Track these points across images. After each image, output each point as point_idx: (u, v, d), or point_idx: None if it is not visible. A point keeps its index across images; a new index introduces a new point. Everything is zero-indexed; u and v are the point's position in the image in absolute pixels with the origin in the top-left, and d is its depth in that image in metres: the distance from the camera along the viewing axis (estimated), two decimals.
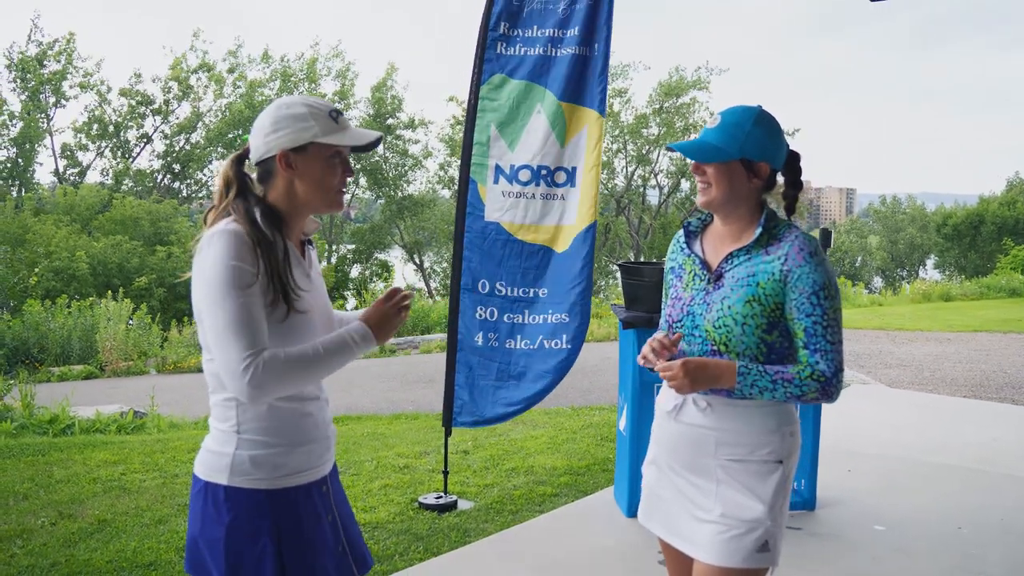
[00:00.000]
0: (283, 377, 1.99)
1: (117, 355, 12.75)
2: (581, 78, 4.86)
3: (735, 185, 2.27)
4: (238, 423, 2.08)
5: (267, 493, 2.08)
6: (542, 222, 4.90)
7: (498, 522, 4.78)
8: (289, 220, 2.14)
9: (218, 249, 1.98)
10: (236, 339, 1.95)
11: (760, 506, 2.24)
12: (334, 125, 2.10)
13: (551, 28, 4.87)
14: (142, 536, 4.54)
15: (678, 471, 2.37)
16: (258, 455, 2.07)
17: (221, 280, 1.96)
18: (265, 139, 2.09)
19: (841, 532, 4.65)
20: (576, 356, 4.86)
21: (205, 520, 2.09)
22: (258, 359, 1.95)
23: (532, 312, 4.90)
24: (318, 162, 2.10)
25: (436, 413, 8.08)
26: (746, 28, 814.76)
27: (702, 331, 2.29)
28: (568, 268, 4.88)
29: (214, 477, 2.08)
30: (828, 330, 2.20)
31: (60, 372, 12.23)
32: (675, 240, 2.52)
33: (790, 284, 2.21)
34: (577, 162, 4.88)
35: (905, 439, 6.63)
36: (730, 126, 2.27)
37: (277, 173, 2.10)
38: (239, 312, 1.96)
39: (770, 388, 2.20)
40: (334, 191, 2.13)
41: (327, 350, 2.07)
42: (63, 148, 34.88)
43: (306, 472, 2.15)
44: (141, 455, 6.33)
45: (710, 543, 2.25)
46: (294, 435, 2.12)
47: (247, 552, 2.06)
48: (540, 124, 4.87)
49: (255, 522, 2.06)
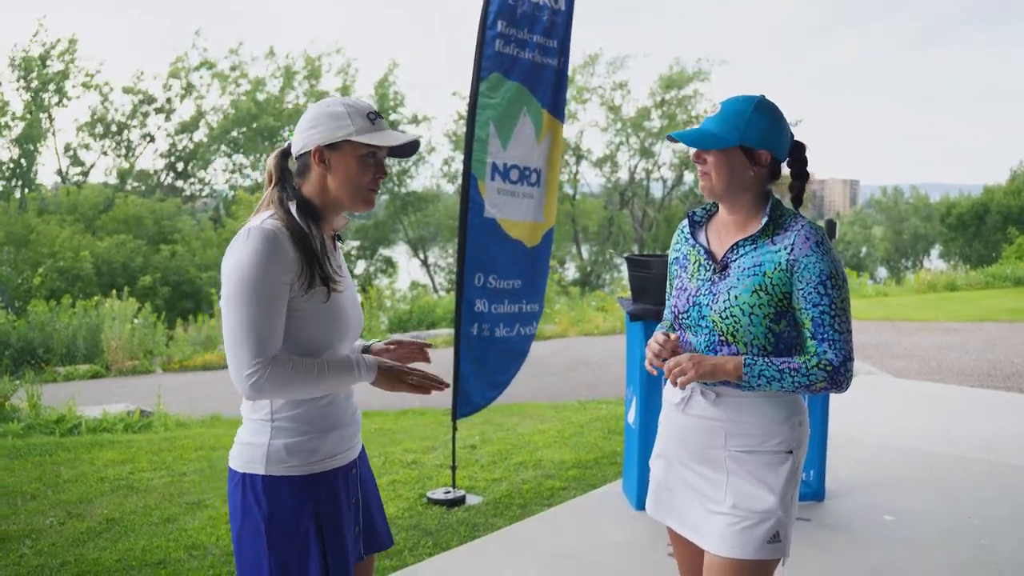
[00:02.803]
0: (283, 389, 2.07)
1: (123, 354, 12.74)
2: (556, 88, 5.26)
3: (735, 173, 2.26)
4: (271, 412, 2.15)
5: (303, 479, 2.15)
6: (523, 219, 5.22)
7: (507, 516, 4.78)
8: (322, 215, 2.19)
9: (248, 250, 2.03)
10: (247, 345, 2.02)
11: (771, 496, 2.23)
12: (370, 125, 2.16)
13: (539, 35, 5.11)
14: (151, 535, 4.54)
15: (687, 463, 2.36)
16: (292, 443, 2.14)
17: (244, 283, 2.02)
18: (303, 134, 2.16)
19: (850, 523, 4.64)
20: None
21: (246, 512, 2.15)
22: (265, 370, 2.03)
23: (511, 302, 5.23)
24: (351, 160, 2.15)
25: (442, 408, 8.08)
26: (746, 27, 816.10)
27: (709, 321, 2.28)
28: (538, 262, 5.38)
29: (251, 468, 2.14)
30: (836, 319, 2.19)
31: (66, 372, 12.23)
32: (679, 230, 2.50)
33: (797, 274, 2.20)
34: (543, 164, 5.28)
35: (913, 429, 6.62)
36: (730, 114, 2.26)
37: (312, 168, 2.17)
38: (255, 319, 2.02)
39: (778, 378, 2.19)
40: (364, 189, 2.18)
41: (331, 369, 2.13)
42: (66, 148, 34.90)
43: (338, 456, 2.23)
44: (148, 454, 6.33)
45: (721, 535, 2.24)
46: (325, 421, 2.19)
47: (290, 538, 2.13)
48: (527, 126, 5.13)
49: (295, 508, 2.13)
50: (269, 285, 2.02)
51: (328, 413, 2.20)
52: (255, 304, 2.01)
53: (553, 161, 5.34)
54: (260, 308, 2.02)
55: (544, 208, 5.32)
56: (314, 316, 2.12)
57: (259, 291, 2.01)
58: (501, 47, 4.95)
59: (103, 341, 13.03)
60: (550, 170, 5.33)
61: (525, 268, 5.26)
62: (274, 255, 2.03)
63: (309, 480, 2.15)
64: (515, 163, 5.09)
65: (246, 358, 2.02)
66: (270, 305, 2.03)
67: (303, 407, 2.15)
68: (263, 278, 2.01)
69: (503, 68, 4.97)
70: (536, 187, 5.24)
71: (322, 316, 2.13)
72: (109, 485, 5.49)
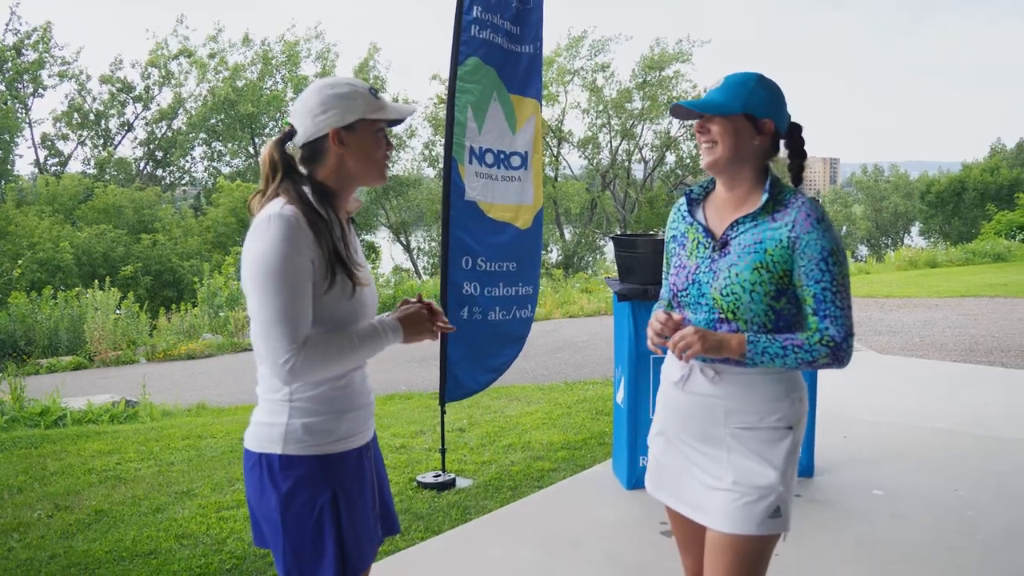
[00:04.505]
0: (319, 368, 2.09)
1: (106, 345, 12.65)
2: (528, 72, 5.28)
3: (741, 141, 2.26)
4: (290, 392, 2.15)
5: (321, 459, 2.15)
6: (506, 201, 5.21)
7: (498, 499, 4.78)
8: (339, 197, 2.22)
9: (271, 237, 2.03)
10: (280, 334, 2.04)
11: (772, 472, 2.23)
12: (376, 101, 2.20)
13: (508, 22, 5.13)
14: (140, 525, 4.52)
15: (687, 441, 2.36)
16: (310, 422, 2.14)
17: (270, 271, 2.02)
18: (315, 120, 2.15)
19: (840, 498, 4.68)
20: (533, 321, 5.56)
21: (264, 491, 2.15)
22: (299, 355, 2.04)
23: (506, 285, 5.22)
24: (367, 137, 2.19)
25: (430, 392, 8.08)
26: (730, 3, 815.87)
27: (709, 299, 2.27)
28: (530, 244, 5.38)
29: (268, 448, 2.14)
30: (837, 295, 2.19)
31: (49, 364, 12.14)
32: (676, 208, 2.49)
33: (799, 251, 2.19)
34: (528, 147, 5.29)
35: (899, 404, 6.67)
36: (733, 84, 2.27)
37: (329, 151, 2.17)
38: (285, 306, 2.03)
39: (781, 355, 2.19)
40: (381, 163, 2.25)
41: (361, 341, 2.16)
42: (43, 138, 34.57)
43: (355, 437, 2.23)
44: (135, 444, 6.30)
45: (723, 511, 2.25)
46: (341, 402, 2.20)
47: (306, 518, 2.13)
48: (497, 111, 5.15)
49: (312, 488, 2.13)
50: (295, 271, 2.03)
51: (345, 394, 2.20)
52: (284, 292, 2.02)
53: (537, 144, 5.37)
54: (289, 295, 2.02)
55: (533, 191, 5.33)
56: (339, 305, 2.14)
57: (286, 278, 2.02)
58: (477, 32, 4.95)
59: (86, 332, 12.94)
60: (535, 152, 5.35)
61: (518, 250, 5.26)
62: (297, 241, 2.03)
63: (326, 460, 2.15)
64: (489, 147, 5.11)
65: (282, 345, 2.03)
66: (298, 290, 2.04)
67: (322, 387, 2.16)
68: (288, 265, 2.02)
69: (480, 53, 4.98)
70: (522, 169, 5.25)
71: (346, 304, 2.15)
72: (96, 476, 5.46)
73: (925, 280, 17.33)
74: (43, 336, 13.22)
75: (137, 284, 21.35)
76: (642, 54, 35.88)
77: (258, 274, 2.04)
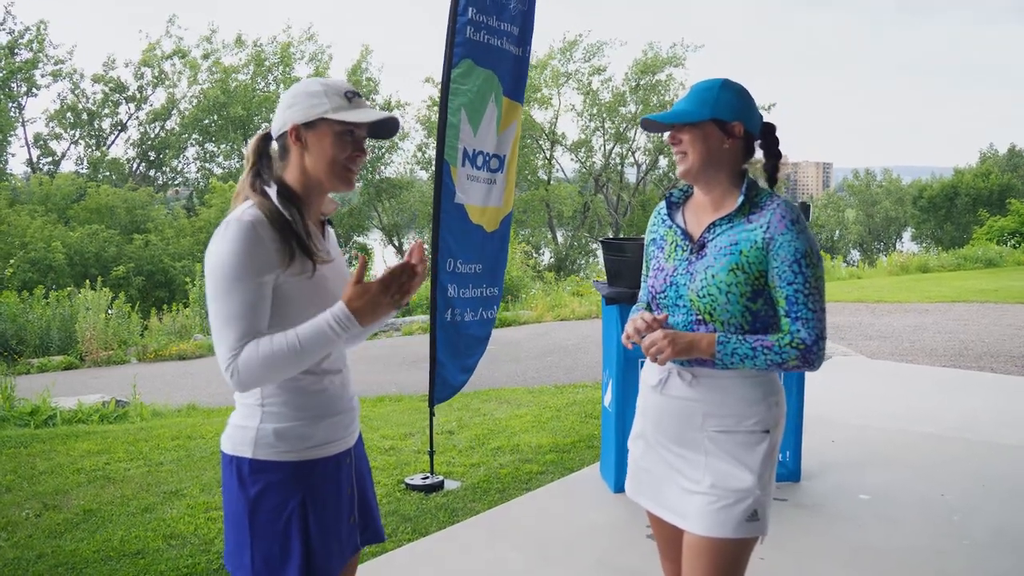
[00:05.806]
0: (262, 369, 2.01)
1: (97, 345, 12.63)
2: (518, 74, 5.30)
3: (711, 147, 2.28)
4: (262, 396, 2.13)
5: (294, 465, 2.12)
6: (485, 204, 5.24)
7: (485, 501, 4.79)
8: (305, 199, 2.17)
9: (227, 243, 2.01)
10: (227, 339, 2.01)
11: (749, 476, 2.25)
12: (347, 104, 2.13)
13: (507, 23, 5.13)
14: (128, 525, 4.52)
15: (665, 444, 2.38)
16: (282, 427, 2.12)
17: (224, 277, 2.01)
18: (281, 115, 2.15)
19: (826, 502, 4.69)
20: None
21: (233, 495, 2.14)
22: (236, 361, 2.00)
23: (475, 286, 5.25)
24: (327, 138, 2.12)
25: (419, 395, 8.08)
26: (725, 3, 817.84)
27: (686, 300, 2.29)
28: (496, 246, 5.41)
29: (239, 451, 2.13)
30: (810, 298, 2.21)
31: (40, 363, 12.12)
32: (656, 212, 2.52)
33: (772, 252, 2.21)
34: (506, 150, 5.31)
35: (887, 409, 6.68)
36: (699, 91, 2.32)
37: (290, 148, 2.15)
38: (235, 312, 2.01)
39: (751, 356, 2.21)
40: (340, 167, 2.15)
41: (304, 339, 2.02)
42: (36, 137, 34.48)
43: (333, 443, 2.20)
44: (125, 444, 6.29)
45: (700, 514, 2.26)
46: (316, 408, 2.16)
47: (273, 523, 2.11)
48: (492, 113, 5.16)
49: (281, 493, 2.11)
50: (248, 279, 2.00)
51: (320, 400, 2.17)
52: (234, 297, 1.99)
53: (514, 148, 5.39)
54: (240, 301, 1.99)
55: (504, 193, 5.37)
56: (298, 292, 2.09)
57: (238, 285, 1.99)
58: (471, 34, 4.94)
59: (77, 332, 12.92)
60: (512, 156, 5.37)
61: (485, 252, 5.29)
62: (253, 249, 2.00)
63: (299, 467, 2.12)
64: (481, 149, 5.12)
65: (222, 353, 2.01)
66: (249, 298, 2.00)
67: (294, 392, 2.13)
68: (241, 272, 1.99)
69: (474, 55, 4.97)
70: (499, 172, 5.27)
71: (307, 293, 2.10)
72: (85, 476, 5.45)
73: (916, 285, 17.37)
74: (34, 336, 13.19)
75: (129, 284, 21.31)
76: (635, 58, 35.95)
77: (209, 278, 2.03)
